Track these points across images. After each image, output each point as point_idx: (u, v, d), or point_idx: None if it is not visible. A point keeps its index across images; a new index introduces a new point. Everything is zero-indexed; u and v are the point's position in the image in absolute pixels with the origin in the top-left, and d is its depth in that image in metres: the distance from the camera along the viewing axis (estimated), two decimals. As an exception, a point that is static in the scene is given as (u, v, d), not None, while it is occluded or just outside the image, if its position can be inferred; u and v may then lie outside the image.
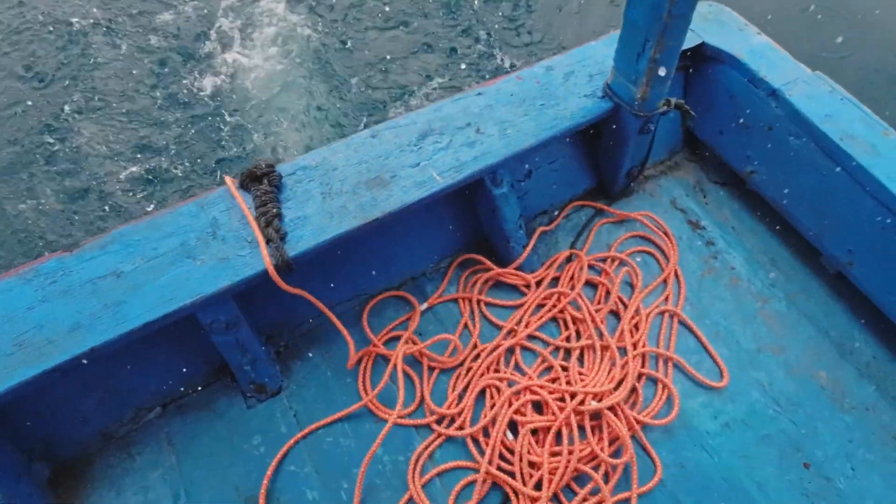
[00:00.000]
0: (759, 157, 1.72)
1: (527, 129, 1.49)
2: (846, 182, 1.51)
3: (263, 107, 3.34)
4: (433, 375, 1.50)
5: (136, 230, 1.29)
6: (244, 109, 3.33)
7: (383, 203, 1.34)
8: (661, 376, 1.50)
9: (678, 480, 1.37)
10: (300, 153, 1.70)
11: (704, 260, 1.74)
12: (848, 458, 1.41)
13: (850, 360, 1.56)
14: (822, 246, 1.65)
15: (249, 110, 3.32)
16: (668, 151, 1.94)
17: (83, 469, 1.36)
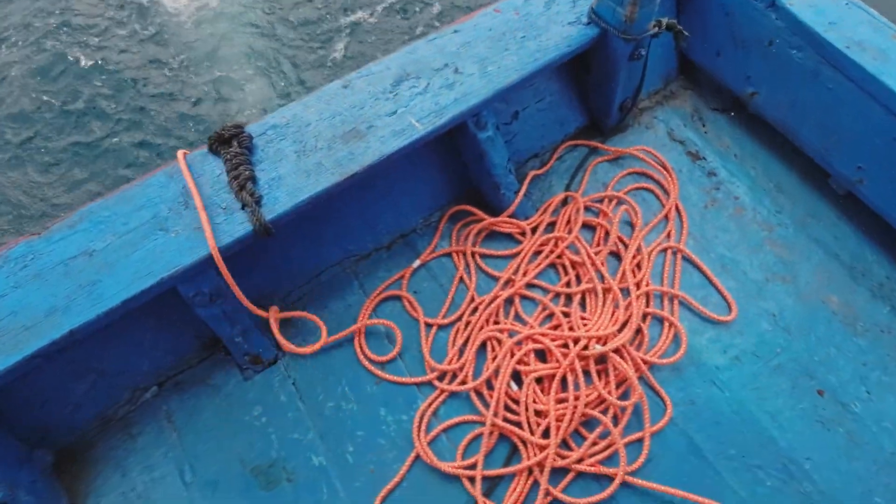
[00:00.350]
0: (760, 76, 1.62)
1: (508, 64, 1.39)
2: (854, 93, 1.41)
3: (216, 58, 3.15)
4: (432, 332, 1.46)
5: (105, 206, 1.22)
6: (194, 63, 3.13)
7: (361, 156, 1.27)
8: (667, 315, 1.45)
9: (689, 417, 1.34)
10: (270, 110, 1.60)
11: (706, 192, 1.66)
12: (863, 381, 1.37)
13: (862, 283, 1.50)
14: (829, 165, 1.56)
15: (200, 64, 3.12)
16: (662, 80, 1.83)
17: (86, 453, 1.34)
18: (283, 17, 3.29)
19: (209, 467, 1.32)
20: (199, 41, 3.19)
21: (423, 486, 1.28)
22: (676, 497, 1.25)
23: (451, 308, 1.49)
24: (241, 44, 3.20)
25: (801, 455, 1.29)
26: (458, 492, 1.28)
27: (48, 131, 2.87)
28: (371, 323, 1.44)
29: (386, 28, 3.22)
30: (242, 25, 3.27)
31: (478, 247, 1.58)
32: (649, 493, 1.25)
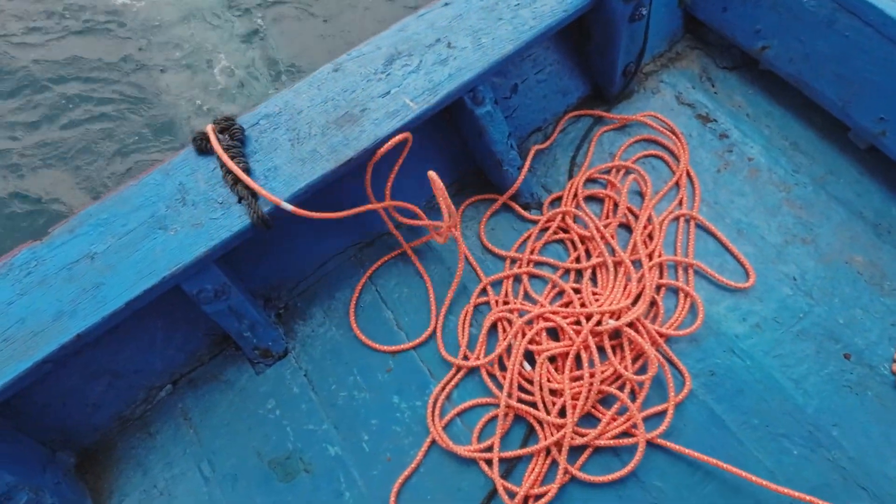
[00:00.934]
0: (771, 28, 1.53)
1: (503, 35, 1.33)
2: (873, 39, 1.33)
3: (193, 45, 3.08)
4: (441, 316, 1.44)
5: (103, 208, 1.22)
6: (172, 51, 3.06)
7: (355, 141, 1.23)
8: (682, 285, 1.41)
9: (709, 388, 1.30)
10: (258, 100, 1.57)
11: (719, 155, 1.59)
12: (892, 342, 1.32)
13: (887, 240, 1.43)
14: (849, 118, 1.48)
15: (180, 52, 3.06)
16: (667, 41, 1.75)
17: (107, 453, 1.36)
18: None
19: (227, 462, 1.32)
20: (174, 31, 3.15)
21: (441, 471, 1.28)
22: (699, 467, 1.22)
23: (459, 290, 1.46)
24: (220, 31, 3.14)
25: (829, 422, 1.25)
26: (476, 475, 1.26)
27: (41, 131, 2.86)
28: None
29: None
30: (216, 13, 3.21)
31: (484, 226, 1.54)
32: (670, 469, 1.23)
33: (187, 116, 2.91)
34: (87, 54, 3.13)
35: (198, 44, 3.15)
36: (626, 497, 1.21)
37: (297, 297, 1.49)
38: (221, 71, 3.05)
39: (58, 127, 2.88)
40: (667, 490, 1.21)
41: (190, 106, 2.93)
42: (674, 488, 1.21)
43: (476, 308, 1.45)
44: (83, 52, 3.14)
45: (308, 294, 1.50)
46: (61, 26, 3.20)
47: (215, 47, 3.13)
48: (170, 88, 2.99)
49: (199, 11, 3.27)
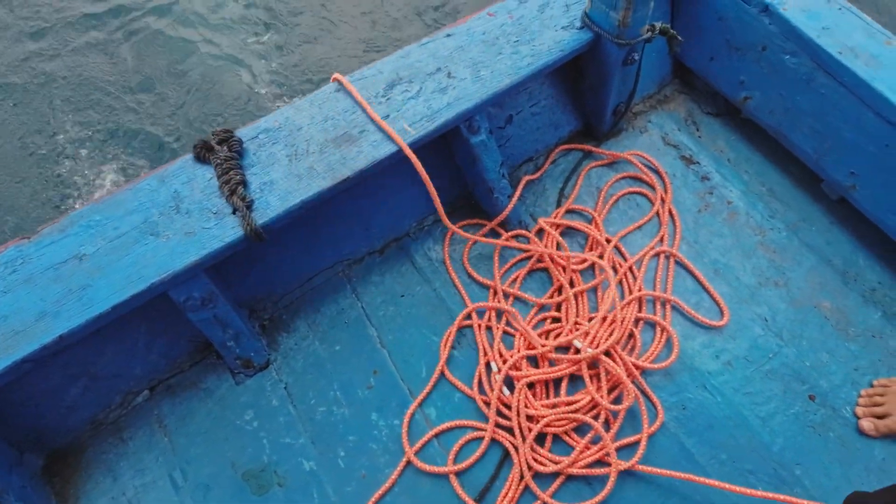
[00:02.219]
0: (754, 81, 1.62)
1: (502, 69, 1.39)
2: (847, 99, 1.42)
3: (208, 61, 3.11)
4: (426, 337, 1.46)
5: (96, 210, 1.22)
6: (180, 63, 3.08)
7: (352, 161, 1.26)
8: (659, 319, 1.46)
9: (681, 422, 1.34)
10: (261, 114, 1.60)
11: (700, 196, 1.66)
12: (854, 386, 1.37)
13: (853, 288, 1.50)
14: (822, 171, 1.56)
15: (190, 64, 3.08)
16: (656, 84, 1.83)
17: (77, 457, 1.34)
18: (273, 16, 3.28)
19: (200, 471, 1.31)
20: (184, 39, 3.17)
21: (415, 491, 1.28)
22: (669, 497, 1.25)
23: (443, 311, 1.49)
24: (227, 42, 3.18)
25: (793, 460, 1.29)
26: (450, 497, 1.28)
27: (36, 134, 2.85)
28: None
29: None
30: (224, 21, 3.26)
31: (469, 252, 1.58)
32: (640, 500, 1.25)
33: (179, 128, 2.91)
34: (92, 62, 3.14)
35: (207, 54, 3.18)
36: (596, 526, 1.24)
37: (282, 309, 1.50)
38: (229, 82, 3.07)
39: (47, 136, 2.87)
40: None
41: (187, 118, 2.94)
42: None
43: (459, 331, 1.47)
44: (86, 61, 3.14)
45: (293, 307, 1.51)
46: (62, 39, 3.20)
47: (227, 58, 3.16)
48: (168, 101, 3.01)
49: (214, 22, 3.30)
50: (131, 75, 3.06)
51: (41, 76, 3.06)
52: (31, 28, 3.22)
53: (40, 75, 3.06)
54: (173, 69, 3.10)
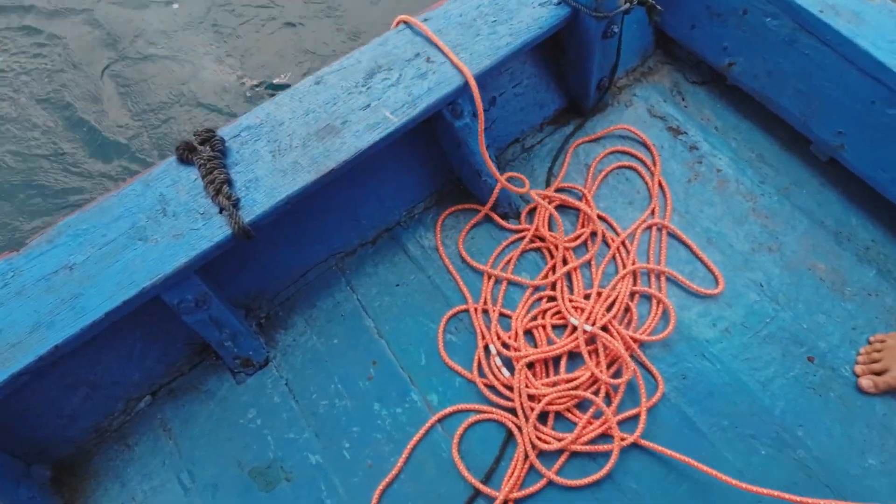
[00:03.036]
0: (736, 46, 1.61)
1: (481, 50, 1.37)
2: (830, 58, 1.41)
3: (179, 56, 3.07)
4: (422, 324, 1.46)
5: (82, 219, 1.22)
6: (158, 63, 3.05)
7: (336, 152, 1.26)
8: (655, 292, 1.46)
9: (681, 392, 1.35)
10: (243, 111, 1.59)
11: (689, 166, 1.66)
12: (852, 345, 1.38)
13: (847, 247, 1.50)
14: (810, 132, 1.56)
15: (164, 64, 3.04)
16: (639, 57, 1.82)
17: (84, 466, 1.35)
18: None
19: (207, 472, 1.32)
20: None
21: (421, 477, 1.29)
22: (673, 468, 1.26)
23: (439, 298, 1.49)
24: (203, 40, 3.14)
25: (794, 422, 1.30)
26: (457, 480, 1.28)
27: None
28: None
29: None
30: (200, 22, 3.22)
31: (463, 237, 1.57)
32: (644, 471, 1.26)
33: (164, 128, 2.89)
34: (67, 62, 3.11)
35: (181, 51, 3.14)
36: (603, 499, 1.24)
37: (278, 306, 1.50)
38: (205, 81, 3.05)
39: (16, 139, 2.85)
40: (642, 491, 1.25)
41: (169, 118, 2.93)
42: (648, 490, 1.25)
43: (455, 316, 1.47)
44: (59, 61, 3.12)
45: (289, 303, 1.51)
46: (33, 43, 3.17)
47: (201, 55, 3.13)
48: (146, 102, 2.98)
49: (188, 20, 3.26)
50: (100, 84, 3.03)
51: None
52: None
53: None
54: (143, 76, 3.07)
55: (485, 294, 1.48)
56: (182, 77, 3.06)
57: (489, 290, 1.49)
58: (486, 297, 1.48)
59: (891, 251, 1.49)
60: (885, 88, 1.33)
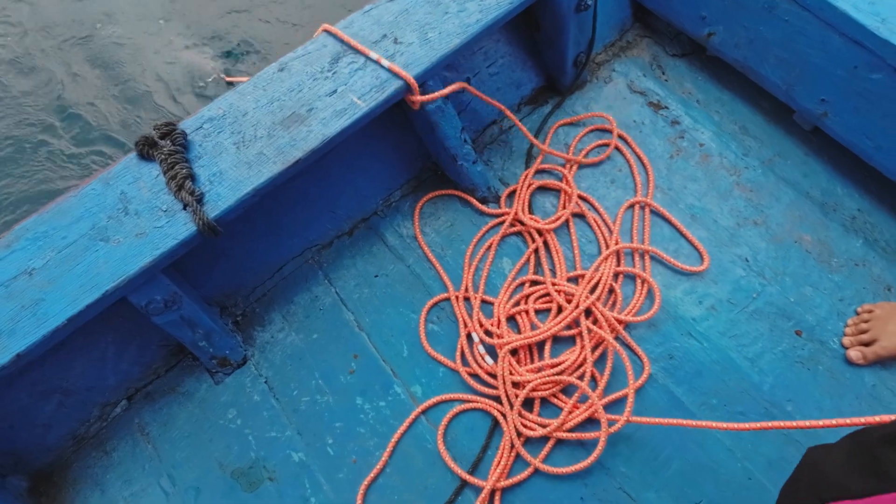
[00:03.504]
0: (715, 15, 1.56)
1: (450, 29, 1.32)
2: (811, 23, 1.36)
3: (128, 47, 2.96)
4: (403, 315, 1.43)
5: (41, 221, 1.17)
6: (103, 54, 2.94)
7: (303, 141, 1.21)
8: (639, 271, 1.43)
9: (669, 372, 1.32)
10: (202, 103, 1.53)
11: (671, 141, 1.62)
12: (840, 317, 1.35)
13: (833, 218, 1.47)
14: (793, 101, 1.52)
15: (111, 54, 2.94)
16: (617, 30, 1.77)
17: (62, 475, 1.32)
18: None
19: (188, 475, 1.29)
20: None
21: (407, 470, 1.27)
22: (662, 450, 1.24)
23: (419, 287, 1.46)
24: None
25: (784, 397, 1.28)
26: (443, 472, 1.26)
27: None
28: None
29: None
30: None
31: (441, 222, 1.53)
32: (633, 455, 1.24)
33: (123, 123, 2.80)
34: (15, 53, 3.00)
35: (139, 45, 3.04)
36: (592, 484, 1.22)
37: (254, 303, 1.47)
38: (162, 74, 2.95)
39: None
40: (631, 475, 1.23)
41: (125, 113, 2.83)
42: (638, 472, 1.23)
43: (437, 305, 1.44)
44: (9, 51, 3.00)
45: (266, 299, 1.47)
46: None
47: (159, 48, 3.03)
48: (105, 92, 2.88)
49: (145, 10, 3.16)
50: (51, 86, 2.93)
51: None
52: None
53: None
54: (100, 69, 2.96)
55: (466, 281, 1.45)
56: (151, 59, 2.95)
57: (470, 276, 1.45)
58: (468, 285, 1.45)
59: (877, 220, 1.46)
60: (868, 52, 1.29)
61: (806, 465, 0.68)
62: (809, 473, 0.66)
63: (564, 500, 1.21)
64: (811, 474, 0.65)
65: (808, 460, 0.68)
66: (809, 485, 0.63)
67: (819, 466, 0.64)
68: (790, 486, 0.69)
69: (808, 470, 0.67)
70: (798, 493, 0.65)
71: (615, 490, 1.21)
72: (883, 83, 1.30)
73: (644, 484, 1.22)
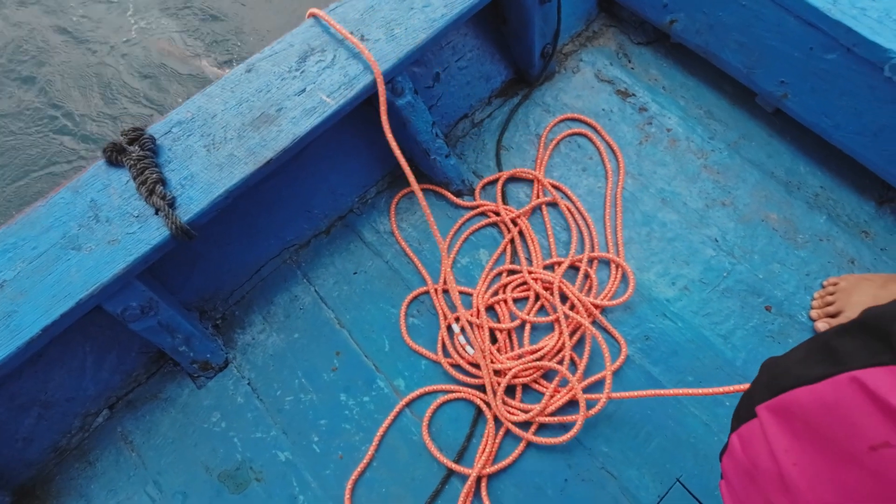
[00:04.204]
0: (676, 2, 1.59)
1: (416, 24, 1.33)
2: (767, 7, 1.40)
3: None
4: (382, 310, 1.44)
5: (9, 233, 1.15)
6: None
7: (273, 141, 1.21)
8: (613, 256, 1.45)
9: (645, 352, 1.35)
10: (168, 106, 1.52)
11: (640, 128, 1.65)
12: (807, 291, 1.40)
13: (797, 196, 1.52)
14: (754, 84, 1.56)
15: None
16: (583, 21, 1.80)
17: (45, 488, 1.30)
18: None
19: (175, 481, 1.29)
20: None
21: (393, 463, 1.28)
22: (641, 427, 1.27)
23: (398, 282, 1.47)
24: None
25: (756, 371, 1.32)
26: (430, 462, 1.28)
27: None
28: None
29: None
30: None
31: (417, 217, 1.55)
32: (614, 435, 1.27)
33: (86, 128, 2.76)
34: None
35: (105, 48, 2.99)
36: (576, 465, 1.25)
37: (233, 305, 1.46)
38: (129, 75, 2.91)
39: None
40: (613, 454, 1.26)
41: (92, 118, 2.79)
42: (619, 451, 1.26)
43: (416, 298, 1.45)
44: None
45: (245, 302, 1.47)
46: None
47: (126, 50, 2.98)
48: (70, 99, 2.83)
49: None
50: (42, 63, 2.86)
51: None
52: None
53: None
54: (61, 76, 2.90)
55: (444, 274, 1.46)
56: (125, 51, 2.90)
57: (448, 269, 1.47)
58: (446, 277, 1.46)
59: (839, 196, 1.51)
60: (822, 34, 1.33)
61: (764, 368, 0.69)
62: (767, 373, 0.67)
63: (548, 482, 1.23)
64: (769, 373, 0.66)
65: (766, 365, 0.69)
66: (766, 384, 0.64)
67: (777, 365, 0.65)
68: (747, 394, 0.70)
69: (766, 371, 0.68)
70: (754, 395, 0.65)
71: (598, 470, 1.24)
72: (837, 63, 1.34)
73: (625, 461, 1.25)
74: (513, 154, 1.62)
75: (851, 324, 0.55)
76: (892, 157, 1.37)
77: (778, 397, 0.59)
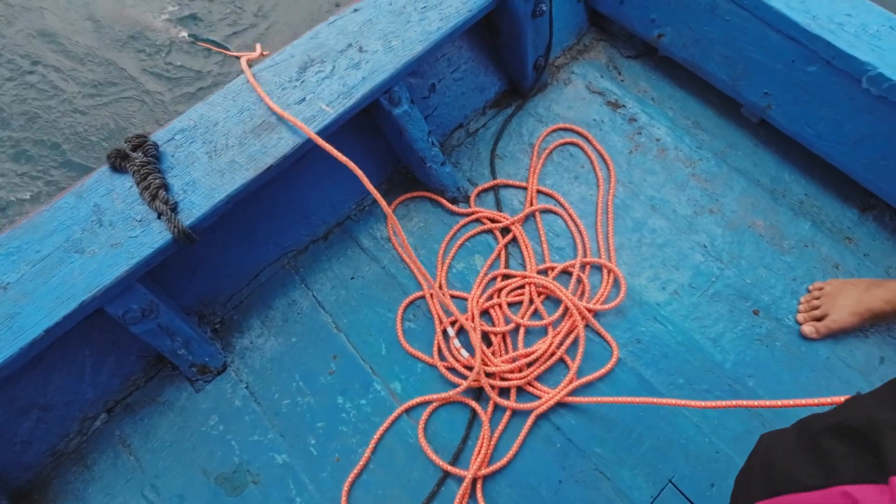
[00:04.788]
0: (663, 17, 1.65)
1: (412, 37, 1.38)
2: (749, 22, 1.46)
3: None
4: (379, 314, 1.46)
5: (13, 236, 1.18)
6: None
7: (274, 148, 1.25)
8: (605, 261, 1.49)
9: (637, 355, 1.38)
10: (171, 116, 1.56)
11: (630, 138, 1.70)
12: (794, 295, 1.44)
13: (783, 203, 1.56)
14: (739, 95, 1.61)
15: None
16: (574, 35, 1.85)
17: (42, 492, 1.31)
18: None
19: (172, 484, 1.30)
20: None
21: (390, 465, 1.30)
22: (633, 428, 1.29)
23: (394, 287, 1.49)
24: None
25: (745, 374, 1.35)
26: (426, 465, 1.29)
27: None
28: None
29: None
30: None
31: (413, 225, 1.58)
32: (607, 435, 1.29)
33: (92, 136, 2.79)
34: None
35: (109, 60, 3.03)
36: (569, 467, 1.27)
37: (232, 309, 1.48)
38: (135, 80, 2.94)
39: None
40: (606, 455, 1.28)
41: (97, 126, 2.82)
42: (612, 452, 1.28)
43: (412, 303, 1.48)
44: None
45: (244, 306, 1.49)
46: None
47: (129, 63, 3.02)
48: (76, 105, 2.86)
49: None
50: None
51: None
52: None
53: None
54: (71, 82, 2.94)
55: (440, 279, 1.49)
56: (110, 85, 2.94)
57: (444, 274, 1.50)
58: (442, 282, 1.49)
59: (823, 203, 1.56)
60: (802, 47, 1.38)
61: (758, 452, 0.71)
62: (761, 462, 0.69)
63: (543, 483, 1.25)
64: (763, 463, 0.68)
65: (759, 447, 0.71)
66: (761, 475, 0.66)
67: (770, 454, 0.67)
68: (744, 474, 0.73)
69: (760, 458, 0.70)
70: (751, 481, 0.68)
71: (591, 471, 1.26)
72: (818, 75, 1.40)
73: (618, 462, 1.27)
74: (507, 163, 1.66)
75: (843, 426, 0.57)
76: (872, 166, 1.42)
77: (773, 499, 0.60)
